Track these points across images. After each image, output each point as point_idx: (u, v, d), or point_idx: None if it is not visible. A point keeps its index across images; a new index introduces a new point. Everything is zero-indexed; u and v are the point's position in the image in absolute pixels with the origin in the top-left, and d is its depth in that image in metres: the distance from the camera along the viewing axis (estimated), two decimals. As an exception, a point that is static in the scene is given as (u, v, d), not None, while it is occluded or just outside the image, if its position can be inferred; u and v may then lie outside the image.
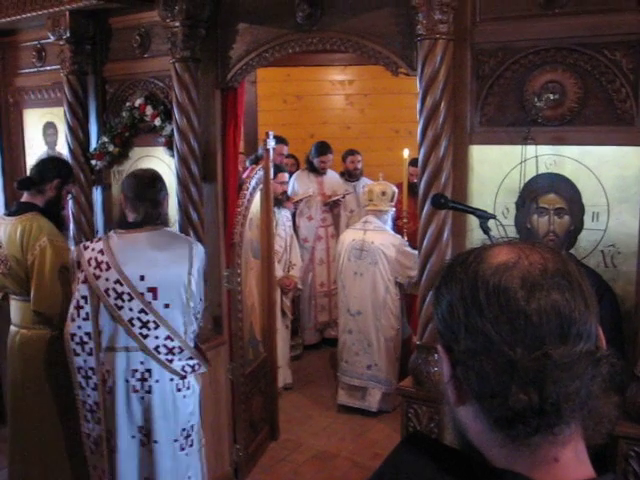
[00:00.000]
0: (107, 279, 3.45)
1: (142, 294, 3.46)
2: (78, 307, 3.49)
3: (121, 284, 3.44)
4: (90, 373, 3.53)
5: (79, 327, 3.49)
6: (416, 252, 5.39)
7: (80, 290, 3.49)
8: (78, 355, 3.52)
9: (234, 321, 4.56)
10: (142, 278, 3.46)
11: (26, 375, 3.94)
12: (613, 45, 3.05)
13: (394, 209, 5.77)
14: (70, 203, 4.54)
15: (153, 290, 3.48)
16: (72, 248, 3.92)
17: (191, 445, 3.68)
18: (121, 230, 3.58)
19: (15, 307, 3.98)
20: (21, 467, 4.02)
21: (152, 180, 3.67)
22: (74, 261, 3.54)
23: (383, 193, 5.64)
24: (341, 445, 5.22)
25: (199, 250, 3.67)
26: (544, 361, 0.94)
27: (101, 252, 3.48)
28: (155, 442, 3.54)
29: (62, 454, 3.97)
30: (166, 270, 3.51)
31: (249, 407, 4.78)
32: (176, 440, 3.59)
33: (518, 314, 0.95)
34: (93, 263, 3.47)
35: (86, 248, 3.52)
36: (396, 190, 5.75)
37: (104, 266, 3.46)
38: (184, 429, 3.63)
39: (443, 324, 1.05)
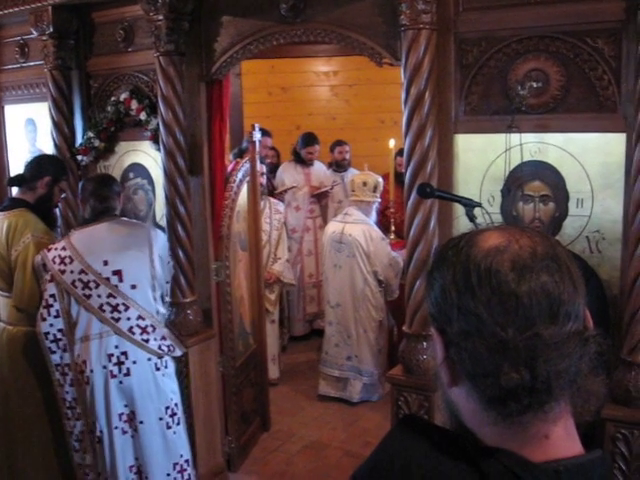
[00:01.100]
0: (72, 271, 3.59)
1: (107, 279, 3.61)
2: (47, 306, 3.61)
3: (86, 273, 3.59)
4: (67, 369, 3.64)
5: (51, 325, 3.61)
6: (395, 254, 5.47)
7: (48, 289, 3.62)
8: (54, 353, 3.63)
9: (223, 314, 4.57)
10: (106, 263, 3.62)
11: (12, 371, 3.94)
12: (595, 33, 3.08)
13: (379, 200, 5.75)
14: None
15: (118, 273, 3.63)
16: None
17: (178, 423, 3.80)
18: (79, 227, 3.82)
19: (2, 303, 3.98)
20: (9, 463, 4.02)
21: (100, 180, 3.95)
22: (39, 264, 3.68)
23: (364, 184, 5.62)
24: (332, 435, 5.25)
25: (157, 233, 3.91)
26: (535, 341, 0.97)
27: (64, 248, 3.64)
28: (141, 422, 3.65)
29: (49, 450, 3.97)
30: (128, 252, 3.69)
31: (240, 399, 4.80)
32: (161, 418, 3.70)
33: (509, 296, 0.98)
34: (57, 260, 3.61)
35: (49, 250, 3.67)
36: (381, 180, 5.71)
37: (67, 260, 3.60)
38: (168, 407, 3.74)
39: (436, 307, 1.08)
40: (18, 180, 4.03)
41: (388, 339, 5.82)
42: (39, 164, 4.04)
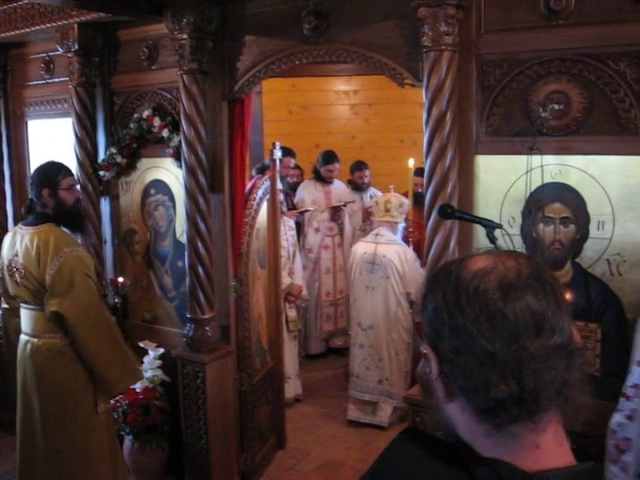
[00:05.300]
0: None
1: None
2: None
3: None
4: None
5: None
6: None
7: None
8: None
9: (241, 331, 4.57)
10: None
11: (36, 384, 3.95)
12: (617, 55, 3.08)
13: (405, 221, 5.77)
14: (78, 192, 4.31)
15: None
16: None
17: None
18: None
19: (26, 316, 3.99)
20: (30, 476, 4.03)
21: None
22: None
23: (401, 205, 5.64)
24: (348, 454, 5.22)
25: None
26: (521, 353, 1.03)
27: None
28: None
29: (69, 466, 3.96)
30: None
31: (256, 416, 4.79)
32: None
33: (496, 313, 1.05)
34: None
35: None
36: (408, 202, 5.76)
37: None
38: None
39: (430, 326, 1.15)
40: (30, 206, 4.05)
41: (413, 361, 5.77)
42: (32, 182, 4.02)
